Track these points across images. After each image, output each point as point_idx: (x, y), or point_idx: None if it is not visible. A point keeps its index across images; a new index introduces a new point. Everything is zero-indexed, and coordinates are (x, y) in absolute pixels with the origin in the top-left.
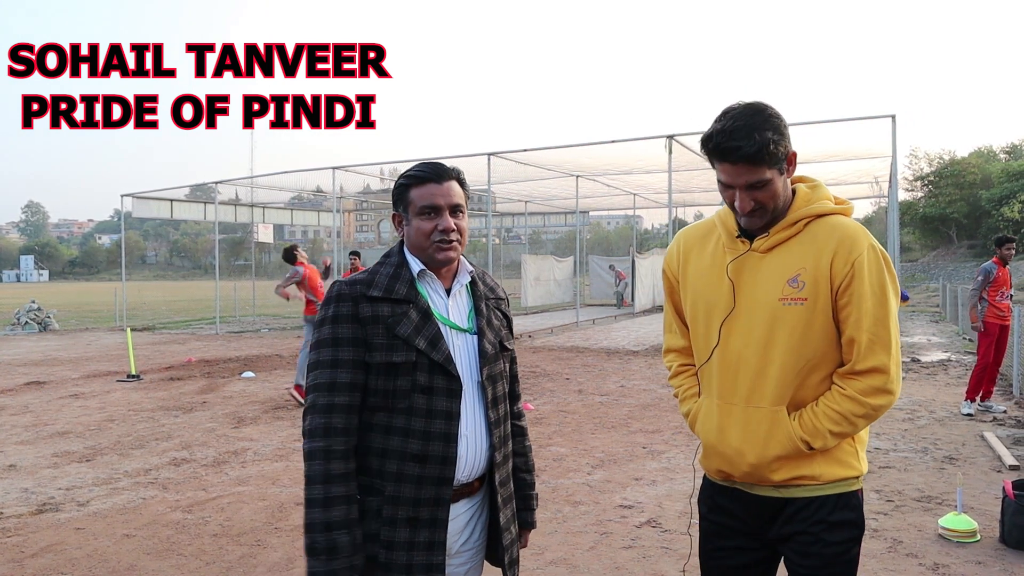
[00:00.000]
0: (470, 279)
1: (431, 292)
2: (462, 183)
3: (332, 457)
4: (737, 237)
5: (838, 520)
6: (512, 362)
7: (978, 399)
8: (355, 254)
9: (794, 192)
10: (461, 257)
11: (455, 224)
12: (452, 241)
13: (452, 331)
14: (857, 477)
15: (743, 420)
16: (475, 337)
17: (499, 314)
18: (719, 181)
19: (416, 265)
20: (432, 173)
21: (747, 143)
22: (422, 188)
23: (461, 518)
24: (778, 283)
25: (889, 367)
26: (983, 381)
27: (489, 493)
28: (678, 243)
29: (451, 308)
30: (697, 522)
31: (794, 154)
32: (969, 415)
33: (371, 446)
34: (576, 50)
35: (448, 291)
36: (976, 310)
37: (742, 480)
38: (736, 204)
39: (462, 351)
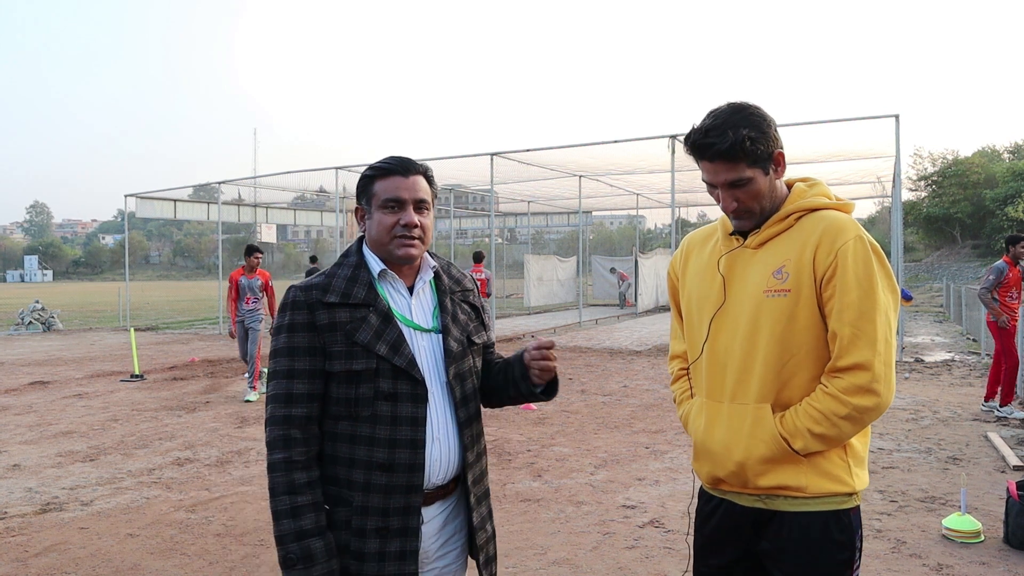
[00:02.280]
0: (433, 274)
1: (392, 292)
2: (430, 180)
3: (294, 468)
4: (731, 235)
5: (828, 541)
6: (487, 349)
7: (997, 402)
8: (256, 250)
9: (791, 190)
10: (425, 254)
11: (419, 220)
12: (415, 237)
13: (416, 332)
14: (850, 495)
15: (728, 417)
16: (440, 336)
17: (466, 307)
18: (704, 181)
19: (376, 265)
20: (398, 166)
21: (720, 140)
22: (387, 181)
23: (437, 520)
24: (764, 276)
25: (873, 364)
26: (1007, 381)
27: (463, 492)
28: (683, 246)
29: (414, 308)
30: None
31: (781, 154)
32: (1002, 416)
33: (338, 456)
34: (579, 50)
35: (411, 289)
36: (992, 307)
37: (728, 481)
38: (721, 204)
39: (427, 352)
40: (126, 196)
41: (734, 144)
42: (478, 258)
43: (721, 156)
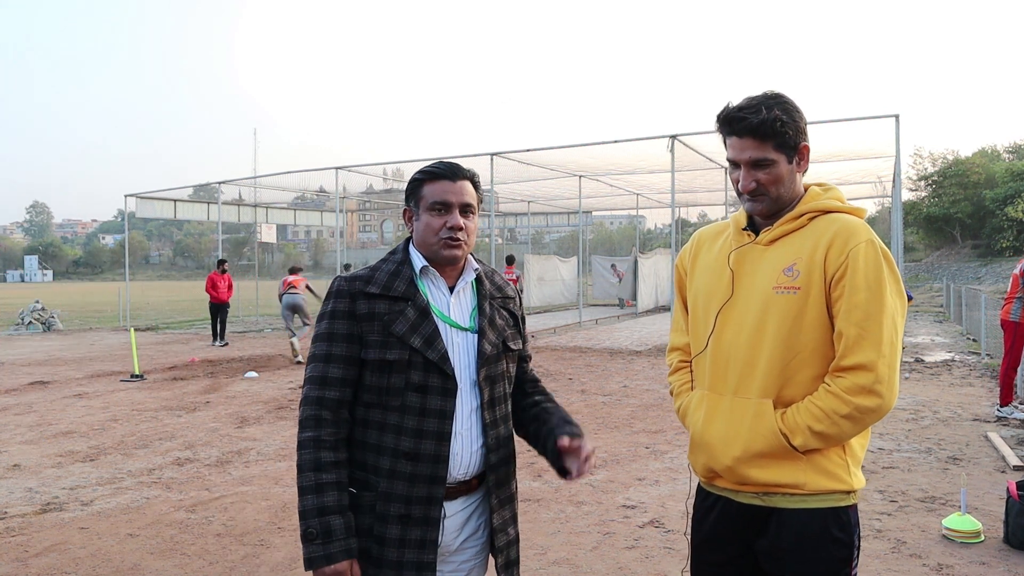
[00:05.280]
0: (475, 277)
1: (432, 289)
2: (476, 185)
3: (321, 447)
4: (744, 230)
5: (827, 537)
6: (522, 360)
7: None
8: None
9: (807, 192)
10: (469, 257)
11: (464, 223)
12: (459, 240)
13: (452, 329)
14: (848, 492)
15: (729, 411)
16: (475, 336)
17: (505, 314)
18: (728, 160)
19: (419, 262)
20: (447, 171)
21: (753, 115)
22: (435, 184)
23: (460, 515)
24: (774, 272)
25: (877, 365)
26: (1007, 381)
27: (486, 493)
28: (693, 239)
29: (453, 306)
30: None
31: (807, 148)
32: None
33: (367, 442)
34: (579, 50)
35: (452, 289)
36: (1011, 307)
37: (724, 475)
38: (740, 183)
39: (461, 350)
40: (126, 196)
41: (765, 121)
42: (510, 260)
43: (750, 132)
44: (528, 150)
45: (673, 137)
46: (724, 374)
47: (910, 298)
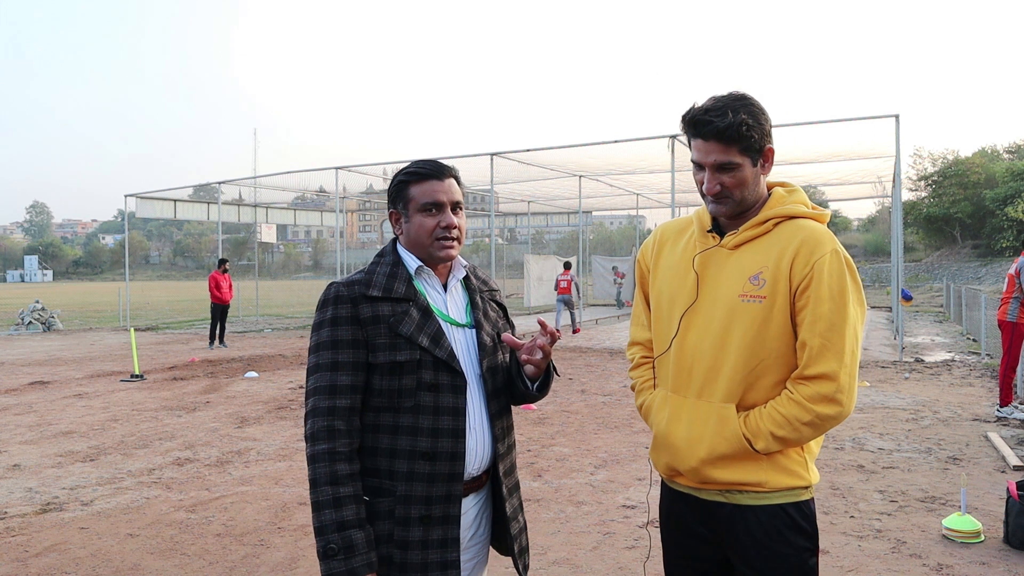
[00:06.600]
0: (464, 274)
1: (428, 289)
2: (458, 181)
3: (337, 459)
4: (708, 232)
5: (790, 530)
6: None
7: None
8: None
9: (771, 194)
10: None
11: (456, 222)
12: (453, 238)
13: (452, 327)
14: (806, 487)
15: (692, 414)
16: (474, 331)
17: (494, 306)
18: (692, 162)
19: (413, 262)
20: (433, 170)
21: (719, 119)
22: (423, 185)
23: (470, 513)
24: (740, 280)
25: (839, 375)
26: (1006, 381)
27: (493, 484)
28: (655, 235)
29: (449, 304)
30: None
31: (771, 150)
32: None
33: (379, 447)
34: (579, 50)
35: (444, 287)
36: (1009, 307)
37: (687, 475)
38: (704, 186)
39: (462, 346)
40: (126, 196)
41: (731, 125)
42: (567, 266)
43: (716, 135)
44: (528, 150)
45: (673, 137)
46: (688, 377)
47: (910, 298)
